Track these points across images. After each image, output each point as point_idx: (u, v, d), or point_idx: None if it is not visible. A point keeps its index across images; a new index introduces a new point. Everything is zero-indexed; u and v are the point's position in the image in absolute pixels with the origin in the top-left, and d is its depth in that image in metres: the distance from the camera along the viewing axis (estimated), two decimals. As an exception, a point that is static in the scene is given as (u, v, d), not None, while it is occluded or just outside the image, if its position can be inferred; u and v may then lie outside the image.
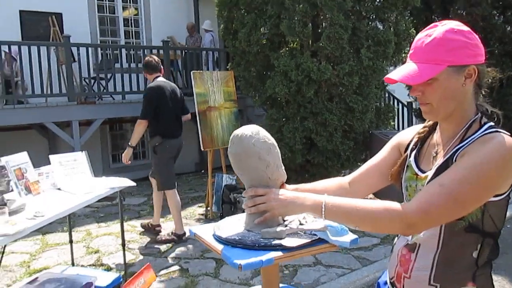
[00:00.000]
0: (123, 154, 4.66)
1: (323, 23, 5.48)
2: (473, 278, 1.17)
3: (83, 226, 5.32)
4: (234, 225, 1.37)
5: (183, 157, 5.48)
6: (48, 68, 6.88)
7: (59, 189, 3.19)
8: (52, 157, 3.25)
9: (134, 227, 5.27)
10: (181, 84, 8.63)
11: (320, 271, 3.98)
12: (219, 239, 1.28)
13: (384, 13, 5.65)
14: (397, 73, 1.17)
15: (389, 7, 5.60)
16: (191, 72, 5.46)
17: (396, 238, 1.34)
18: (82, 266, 4.12)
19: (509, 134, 1.13)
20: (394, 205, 1.13)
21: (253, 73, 6.38)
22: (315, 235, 1.27)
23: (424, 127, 1.34)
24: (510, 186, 1.14)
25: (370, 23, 5.86)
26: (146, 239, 4.83)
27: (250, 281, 3.83)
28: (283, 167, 1.35)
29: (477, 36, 1.18)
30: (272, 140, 1.33)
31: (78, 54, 7.16)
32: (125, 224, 5.35)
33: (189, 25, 9.13)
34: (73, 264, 3.87)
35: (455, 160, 1.15)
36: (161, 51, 7.98)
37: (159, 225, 4.96)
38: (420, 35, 1.19)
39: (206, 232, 1.36)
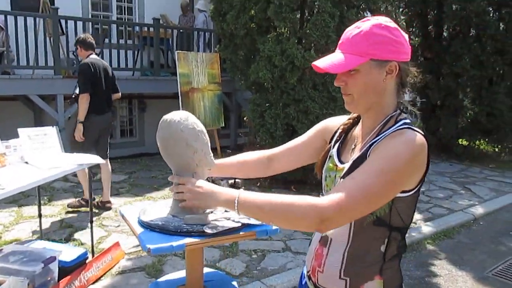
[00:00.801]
0: (75, 132, 4.77)
1: (311, 10, 5.42)
2: (380, 271, 1.21)
3: (60, 201, 5.34)
4: (161, 210, 1.38)
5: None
6: (35, 40, 6.80)
7: (26, 162, 3.19)
8: (20, 131, 3.24)
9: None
10: (171, 64, 8.57)
11: (288, 257, 4.03)
12: (141, 223, 1.30)
13: (374, 2, 5.60)
14: (323, 61, 1.20)
15: (379, -3, 5.55)
16: (176, 52, 5.43)
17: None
18: (54, 240, 4.15)
19: (421, 132, 1.16)
20: (309, 199, 1.12)
21: (240, 57, 6.34)
22: (238, 222, 1.28)
23: (349, 119, 1.37)
24: (417, 184, 1.17)
25: (359, 12, 5.81)
26: (120, 217, 4.85)
27: (217, 263, 3.87)
28: (212, 155, 1.35)
29: (405, 35, 1.20)
30: (201, 127, 1.33)
31: (66, 27, 7.09)
32: (101, 200, 5.40)
33: (183, 3, 9.02)
34: (41, 238, 3.89)
35: (369, 155, 1.17)
36: (152, 29, 7.91)
37: (109, 201, 5.12)
38: (351, 27, 1.22)
39: (133, 214, 1.37)
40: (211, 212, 1.34)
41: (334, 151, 1.32)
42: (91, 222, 3.75)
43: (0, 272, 3.00)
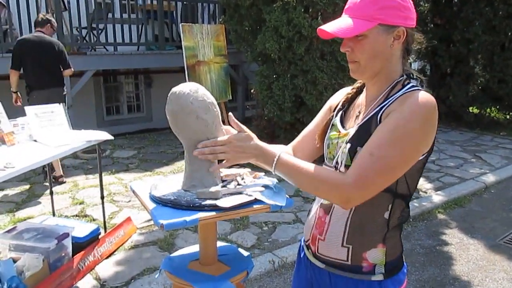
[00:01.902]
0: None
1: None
2: (383, 239, 1.21)
3: (71, 178, 5.37)
4: (172, 184, 1.36)
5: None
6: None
7: (35, 140, 3.19)
8: (27, 109, 3.22)
9: (121, 179, 5.32)
10: (176, 37, 8.45)
11: (298, 229, 4.04)
12: (153, 198, 1.28)
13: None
14: (330, 26, 1.16)
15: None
16: (180, 25, 5.32)
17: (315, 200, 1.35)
18: (66, 216, 4.19)
19: (430, 91, 1.15)
20: (338, 177, 1.14)
21: (245, 27, 6.22)
22: (251, 195, 1.26)
23: (353, 88, 1.35)
24: (430, 146, 1.15)
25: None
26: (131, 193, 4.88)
27: (228, 236, 3.90)
28: (223, 128, 1.32)
29: (410, 1, 1.18)
30: (211, 98, 1.29)
31: (68, 2, 6.98)
32: (112, 176, 5.45)
33: (186, -25, 8.82)
34: (53, 215, 3.93)
35: (380, 121, 1.15)
36: (155, 2, 7.77)
37: (61, 176, 5.18)
38: None
39: (144, 189, 1.36)
40: (224, 186, 1.32)
41: (337, 119, 1.31)
42: (102, 198, 3.77)
43: (15, 249, 3.05)
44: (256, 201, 1.25)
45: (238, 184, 1.32)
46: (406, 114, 1.09)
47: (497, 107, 8.75)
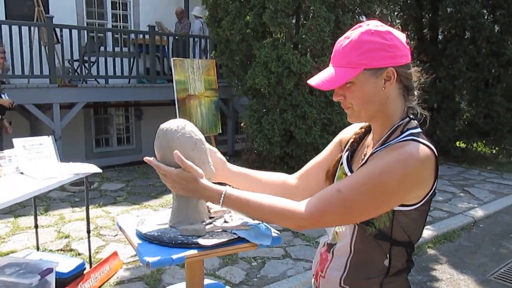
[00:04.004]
0: None
1: (307, 15, 5.42)
2: (380, 284, 1.16)
3: (57, 210, 5.28)
4: (160, 220, 1.35)
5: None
6: (29, 48, 6.77)
7: (22, 173, 3.15)
8: (15, 141, 3.20)
9: (108, 213, 5.25)
10: (167, 71, 8.55)
11: (288, 264, 3.99)
12: (139, 235, 1.26)
13: (369, 7, 5.60)
14: (315, 79, 1.14)
15: (374, 1, 5.55)
16: (172, 59, 5.40)
17: (326, 229, 1.33)
18: (50, 251, 4.10)
19: (428, 144, 1.08)
20: (291, 205, 1.13)
21: (236, 62, 6.33)
22: (235, 233, 1.25)
23: (361, 127, 1.31)
24: (423, 198, 1.10)
25: (355, 16, 5.82)
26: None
27: (216, 272, 3.83)
28: (211, 163, 1.32)
29: (400, 36, 1.12)
30: (199, 135, 1.30)
31: (61, 35, 7.06)
32: (99, 209, 5.37)
33: (178, 10, 9.02)
34: (37, 249, 3.84)
35: (366, 162, 1.14)
36: (147, 36, 7.89)
37: None
38: (341, 37, 1.15)
39: (131, 224, 1.34)
40: (210, 223, 1.31)
41: (344, 160, 1.28)
42: (88, 232, 3.71)
43: (-4, 285, 2.95)
44: (241, 239, 1.24)
45: (225, 221, 1.31)
46: (385, 164, 1.05)
47: (483, 141, 8.89)
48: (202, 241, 1.19)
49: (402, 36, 1.12)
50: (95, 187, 6.35)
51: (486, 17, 8.10)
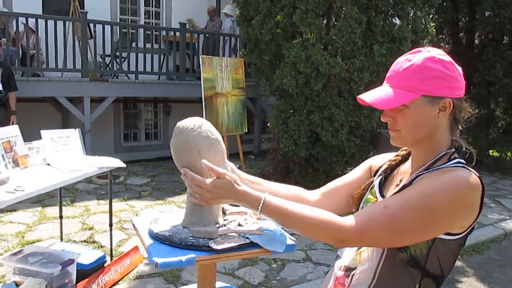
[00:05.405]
0: None
1: (338, 16, 5.33)
2: None
3: (83, 202, 5.38)
4: (173, 219, 1.33)
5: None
6: (64, 43, 6.93)
7: (48, 164, 3.21)
8: (43, 132, 3.26)
9: (132, 207, 5.31)
10: (196, 68, 8.60)
11: (308, 268, 3.93)
12: (150, 234, 1.25)
13: (402, 9, 5.46)
14: (369, 95, 1.11)
15: (407, 3, 5.41)
16: (200, 57, 5.42)
17: (339, 252, 1.28)
18: (74, 241, 4.18)
19: (476, 173, 1.05)
20: (334, 218, 1.07)
21: (265, 62, 6.30)
22: (247, 239, 1.21)
23: (397, 155, 1.28)
24: (466, 230, 1.06)
25: (388, 18, 5.69)
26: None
27: (235, 272, 3.81)
28: (228, 165, 1.29)
29: (459, 68, 1.11)
30: (216, 135, 1.27)
31: (95, 31, 7.20)
32: (123, 203, 5.45)
33: (210, 8, 9.07)
34: (61, 239, 3.91)
35: (411, 183, 1.09)
36: (178, 33, 7.96)
37: None
38: (400, 58, 1.13)
39: (144, 224, 1.33)
40: (224, 225, 1.28)
41: (376, 183, 1.24)
42: (111, 225, 3.75)
43: (19, 272, 3.02)
44: (252, 244, 1.20)
45: (239, 225, 1.28)
46: (438, 185, 1.02)
47: (519, 151, 8.57)
48: (213, 244, 1.16)
49: (460, 69, 1.12)
50: (121, 180, 6.44)
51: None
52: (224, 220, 1.32)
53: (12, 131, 3.05)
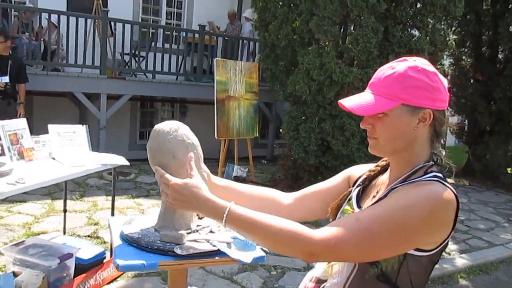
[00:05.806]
0: None
1: (355, 24, 5.29)
2: None
3: (91, 197, 5.45)
4: (148, 222, 1.33)
5: (204, 143, 5.55)
6: (84, 39, 7.06)
7: (53, 158, 3.26)
8: (50, 127, 3.32)
9: (139, 204, 5.35)
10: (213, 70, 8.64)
11: (307, 277, 3.88)
12: (121, 235, 1.25)
13: (421, 20, 5.38)
14: (350, 101, 1.10)
15: (426, 14, 5.32)
16: (215, 59, 5.44)
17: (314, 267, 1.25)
18: (78, 236, 4.23)
19: (452, 189, 1.03)
20: (303, 229, 1.03)
21: (280, 67, 6.29)
22: (215, 246, 1.20)
23: (376, 166, 1.26)
24: (438, 246, 1.04)
25: (407, 29, 5.61)
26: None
27: (234, 276, 3.80)
28: (205, 170, 1.28)
29: (443, 80, 1.09)
30: (192, 139, 1.27)
31: (115, 29, 7.31)
32: (131, 200, 5.49)
33: (230, 12, 9.11)
34: (64, 233, 3.96)
35: (385, 196, 1.07)
36: (197, 35, 8.02)
37: None
38: (384, 66, 1.12)
39: (119, 225, 1.33)
40: (195, 231, 1.27)
41: (354, 194, 1.22)
42: (112, 222, 3.78)
43: (19, 263, 3.07)
44: (220, 252, 1.19)
45: (211, 232, 1.27)
46: (411, 199, 1.00)
47: (538, 170, 8.32)
48: (178, 250, 1.15)
49: (445, 81, 1.10)
50: (131, 178, 6.51)
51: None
52: (197, 226, 1.31)
53: (20, 124, 3.11)
